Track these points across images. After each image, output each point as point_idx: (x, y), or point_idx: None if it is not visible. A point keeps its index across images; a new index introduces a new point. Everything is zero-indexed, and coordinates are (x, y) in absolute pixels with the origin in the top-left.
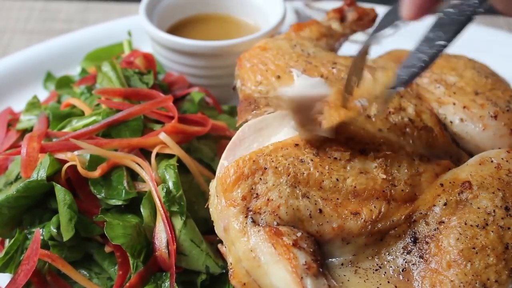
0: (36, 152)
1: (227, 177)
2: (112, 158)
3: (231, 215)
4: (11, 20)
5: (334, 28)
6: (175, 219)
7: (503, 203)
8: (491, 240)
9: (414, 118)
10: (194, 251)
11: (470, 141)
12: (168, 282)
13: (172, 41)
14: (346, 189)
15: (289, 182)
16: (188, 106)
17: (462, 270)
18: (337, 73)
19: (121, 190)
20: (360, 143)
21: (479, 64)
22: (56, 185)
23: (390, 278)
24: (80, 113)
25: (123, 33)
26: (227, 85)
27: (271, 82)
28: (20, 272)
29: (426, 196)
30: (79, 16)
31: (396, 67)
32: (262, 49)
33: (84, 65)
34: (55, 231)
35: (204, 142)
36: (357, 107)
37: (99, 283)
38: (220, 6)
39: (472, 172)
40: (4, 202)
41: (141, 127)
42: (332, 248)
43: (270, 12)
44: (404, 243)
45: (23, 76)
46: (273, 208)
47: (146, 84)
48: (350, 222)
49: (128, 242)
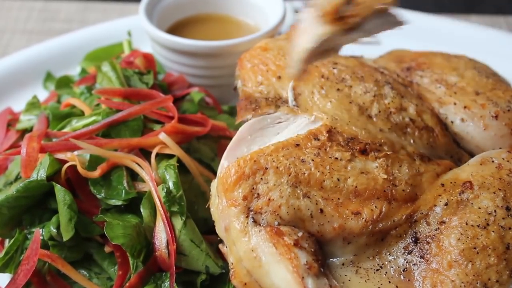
0: (36, 152)
1: (228, 177)
2: (112, 158)
3: (232, 215)
4: (11, 20)
5: None
6: (175, 219)
7: (504, 203)
8: (492, 240)
9: (415, 118)
10: (194, 251)
11: (471, 141)
12: (168, 282)
13: (172, 41)
14: (347, 189)
15: (290, 182)
16: (188, 106)
17: (463, 270)
18: (338, 73)
19: (121, 190)
20: (361, 143)
21: (480, 64)
22: (56, 185)
23: (391, 278)
24: (80, 113)
25: (123, 33)
26: (227, 85)
27: (272, 82)
28: (20, 272)
29: (427, 196)
30: (79, 16)
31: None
32: (263, 50)
33: (84, 65)
34: (55, 231)
35: (204, 142)
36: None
37: (99, 283)
38: (220, 6)
39: (473, 172)
40: (4, 202)
41: (141, 127)
42: (333, 248)
43: (270, 12)
44: (405, 243)
45: (23, 76)
46: (274, 208)
47: (146, 84)
48: (351, 222)
49: (128, 242)
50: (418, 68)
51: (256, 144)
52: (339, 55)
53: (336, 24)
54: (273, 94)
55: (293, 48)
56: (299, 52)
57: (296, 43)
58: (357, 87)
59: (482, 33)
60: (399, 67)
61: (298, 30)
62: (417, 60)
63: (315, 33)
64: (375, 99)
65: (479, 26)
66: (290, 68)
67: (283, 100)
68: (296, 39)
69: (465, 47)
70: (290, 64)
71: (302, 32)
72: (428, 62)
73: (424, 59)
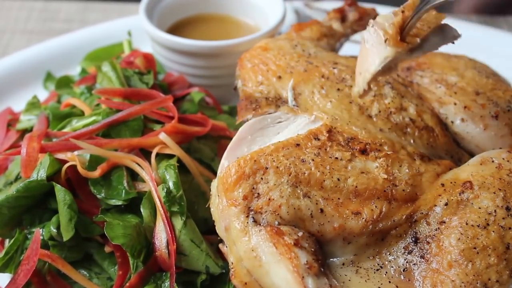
0: (36, 152)
1: (228, 177)
2: (112, 158)
3: (232, 215)
4: (11, 20)
5: (335, 28)
6: (175, 219)
7: (504, 203)
8: (492, 240)
9: (415, 118)
10: (194, 251)
11: (471, 141)
12: (168, 282)
13: (172, 41)
14: (347, 189)
15: (290, 182)
16: (188, 106)
17: (463, 270)
18: (338, 73)
19: (121, 190)
20: (361, 143)
21: (480, 64)
22: (56, 185)
23: (391, 278)
24: (80, 113)
25: (123, 33)
26: (227, 85)
27: (272, 82)
28: (20, 272)
29: (427, 196)
30: (79, 16)
31: None
32: (263, 49)
33: (84, 65)
34: (55, 231)
35: (204, 142)
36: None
37: (99, 283)
38: (220, 6)
39: (473, 172)
40: (4, 202)
41: (141, 127)
42: (333, 248)
43: (270, 12)
44: (405, 243)
45: (23, 76)
46: (274, 207)
47: (146, 84)
48: (351, 222)
49: (128, 242)
50: (418, 68)
51: (256, 144)
52: (340, 55)
53: (400, 46)
54: (273, 94)
55: (360, 69)
56: (368, 74)
57: (363, 64)
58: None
59: (482, 33)
60: (399, 67)
61: (364, 51)
62: (417, 60)
63: (382, 56)
64: (375, 99)
65: (479, 26)
66: (357, 87)
67: (283, 100)
68: (363, 60)
69: (464, 47)
70: (357, 84)
71: (368, 53)
72: (428, 62)
73: (424, 59)
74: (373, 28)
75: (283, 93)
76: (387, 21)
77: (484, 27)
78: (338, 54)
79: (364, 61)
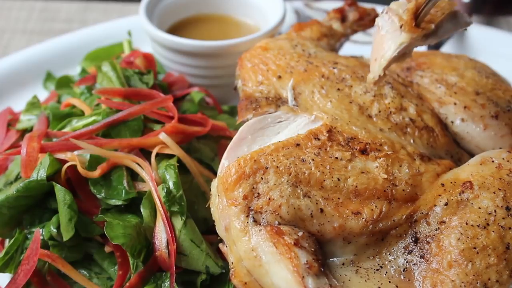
0: (36, 152)
1: (228, 177)
2: (112, 158)
3: (232, 215)
4: (11, 20)
5: (335, 28)
6: (175, 219)
7: (504, 203)
8: (492, 240)
9: (415, 118)
10: (194, 251)
11: (471, 141)
12: (168, 282)
13: (172, 41)
14: (347, 189)
15: (290, 182)
16: (188, 106)
17: (463, 270)
18: (338, 73)
19: (121, 190)
20: (361, 143)
21: (480, 64)
22: (56, 185)
23: (391, 278)
24: (80, 113)
25: (123, 33)
26: (227, 85)
27: (272, 82)
28: (20, 272)
29: (427, 196)
30: (79, 16)
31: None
32: (263, 49)
33: (84, 65)
34: (55, 231)
35: (204, 142)
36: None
37: (99, 283)
38: (220, 6)
39: (473, 172)
40: (4, 202)
41: (141, 127)
42: (333, 248)
43: (270, 12)
44: (405, 243)
45: (23, 76)
46: (275, 207)
47: (146, 84)
48: (351, 222)
49: (128, 242)
50: (418, 68)
51: (256, 143)
52: (340, 55)
53: (415, 32)
54: (273, 94)
55: (375, 56)
56: (384, 60)
57: (379, 51)
58: (357, 87)
59: (482, 33)
60: (399, 67)
61: (378, 37)
62: (417, 60)
63: (397, 42)
64: (375, 99)
65: (479, 26)
66: (372, 74)
67: (283, 99)
68: (378, 46)
69: (464, 47)
70: (372, 70)
71: (383, 40)
72: (428, 62)
73: (424, 59)
74: (388, 15)
75: (283, 93)
76: (401, 7)
77: (484, 27)
78: (338, 54)
79: (379, 48)
